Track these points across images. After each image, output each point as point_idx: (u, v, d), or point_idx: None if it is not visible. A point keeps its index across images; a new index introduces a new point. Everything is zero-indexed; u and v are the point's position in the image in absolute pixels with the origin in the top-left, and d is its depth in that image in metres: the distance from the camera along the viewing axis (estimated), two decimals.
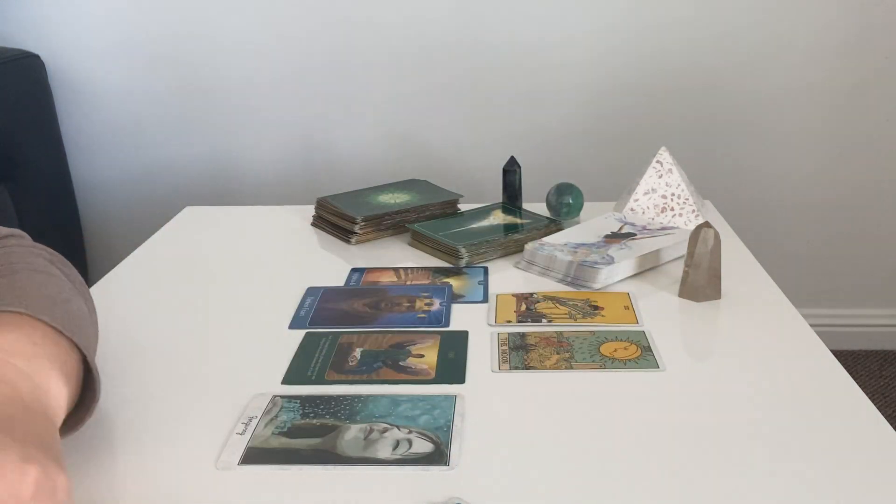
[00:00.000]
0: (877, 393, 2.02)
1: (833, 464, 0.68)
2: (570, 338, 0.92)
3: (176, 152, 2.10)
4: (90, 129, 2.10)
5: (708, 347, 0.94)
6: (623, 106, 2.04)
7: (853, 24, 1.98)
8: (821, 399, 0.79)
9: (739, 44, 2.00)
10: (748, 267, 1.13)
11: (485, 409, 0.78)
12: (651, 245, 1.13)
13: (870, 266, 2.16)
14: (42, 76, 2.01)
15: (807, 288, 2.14)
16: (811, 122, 2.06)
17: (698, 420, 0.75)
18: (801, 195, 2.11)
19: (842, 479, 0.66)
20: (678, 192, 1.28)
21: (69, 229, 2.11)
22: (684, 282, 1.02)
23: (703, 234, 1.01)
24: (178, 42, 2.03)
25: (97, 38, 2.04)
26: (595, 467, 0.69)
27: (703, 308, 1.00)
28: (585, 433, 0.73)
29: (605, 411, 0.77)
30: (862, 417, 0.75)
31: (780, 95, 2.03)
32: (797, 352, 0.89)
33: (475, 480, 0.67)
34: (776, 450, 0.70)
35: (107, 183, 2.15)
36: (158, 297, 1.08)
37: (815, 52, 2.00)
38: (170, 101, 2.07)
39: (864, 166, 2.08)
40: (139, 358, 0.90)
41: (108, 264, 1.30)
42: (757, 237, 1.90)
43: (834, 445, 0.71)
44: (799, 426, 0.74)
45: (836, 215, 2.12)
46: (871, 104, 2.04)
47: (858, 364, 2.14)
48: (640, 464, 0.69)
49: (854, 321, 2.20)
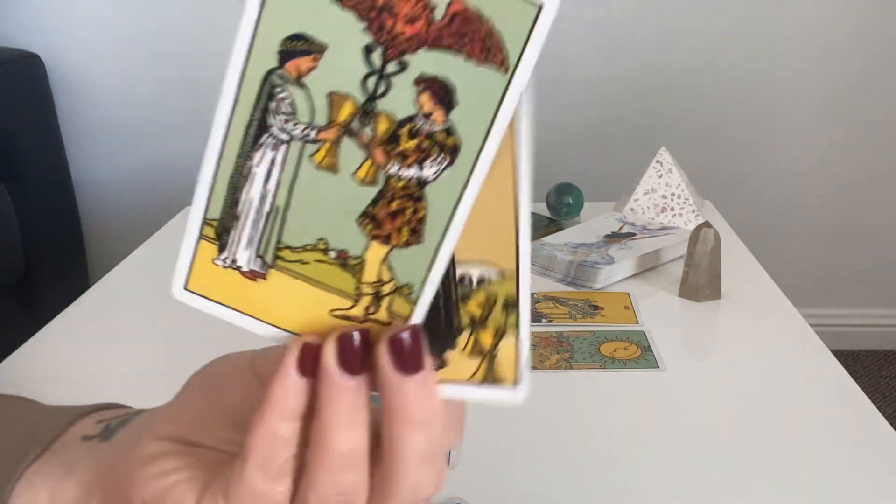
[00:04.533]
0: (877, 393, 2.02)
1: (833, 464, 0.68)
2: (570, 338, 0.92)
3: (176, 152, 2.10)
4: (90, 129, 2.10)
5: (708, 347, 0.94)
6: (623, 106, 2.04)
7: (853, 25, 1.98)
8: (821, 399, 0.79)
9: (739, 44, 2.00)
10: (748, 267, 1.13)
11: (485, 409, 0.78)
12: (651, 245, 1.13)
13: (870, 266, 2.16)
14: (42, 76, 2.01)
15: (807, 288, 2.14)
16: (811, 123, 2.06)
17: (698, 420, 0.75)
18: (801, 195, 2.11)
19: (842, 479, 0.66)
20: (678, 192, 1.28)
21: (69, 229, 2.11)
22: (684, 282, 1.02)
23: (703, 234, 1.01)
24: (178, 42, 2.03)
25: (97, 38, 2.04)
26: (595, 467, 0.69)
27: (703, 308, 1.00)
28: (585, 433, 0.73)
29: (605, 411, 0.77)
30: (862, 417, 0.75)
31: (780, 95, 2.03)
32: (797, 352, 0.89)
33: (475, 480, 0.67)
34: (776, 450, 0.70)
35: (107, 183, 2.15)
36: (158, 297, 1.08)
37: (816, 53, 2.00)
38: (170, 101, 2.07)
39: (864, 166, 2.08)
40: (139, 358, 0.90)
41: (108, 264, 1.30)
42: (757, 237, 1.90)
43: (834, 445, 0.71)
44: (799, 426, 0.74)
45: (837, 215, 2.12)
46: (872, 104, 2.04)
47: (858, 364, 2.14)
48: (640, 463, 0.69)
49: (854, 321, 2.20)
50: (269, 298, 0.29)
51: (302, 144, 0.26)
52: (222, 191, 0.27)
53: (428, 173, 0.26)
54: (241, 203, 0.28)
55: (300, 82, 0.26)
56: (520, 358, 0.29)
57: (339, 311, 0.29)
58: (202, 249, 0.28)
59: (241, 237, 0.28)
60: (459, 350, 0.29)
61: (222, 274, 0.29)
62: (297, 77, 0.26)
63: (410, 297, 0.28)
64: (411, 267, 0.28)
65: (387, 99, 0.26)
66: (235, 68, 0.26)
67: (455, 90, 0.25)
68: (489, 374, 0.30)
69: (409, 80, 0.25)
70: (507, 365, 0.29)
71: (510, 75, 0.25)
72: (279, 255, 0.28)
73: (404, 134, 0.26)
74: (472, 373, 0.30)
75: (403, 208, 0.27)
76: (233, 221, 0.28)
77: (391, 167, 0.26)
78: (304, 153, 0.27)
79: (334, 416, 0.28)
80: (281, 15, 0.25)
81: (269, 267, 0.28)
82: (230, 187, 0.27)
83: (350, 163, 0.26)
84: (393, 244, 0.27)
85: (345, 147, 0.26)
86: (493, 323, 0.29)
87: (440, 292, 0.29)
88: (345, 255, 0.28)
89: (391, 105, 0.26)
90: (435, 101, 0.25)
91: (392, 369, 0.27)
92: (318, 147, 0.26)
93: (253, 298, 0.29)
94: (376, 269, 0.28)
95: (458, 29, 0.25)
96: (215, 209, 0.28)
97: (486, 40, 0.25)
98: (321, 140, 0.26)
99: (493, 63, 0.25)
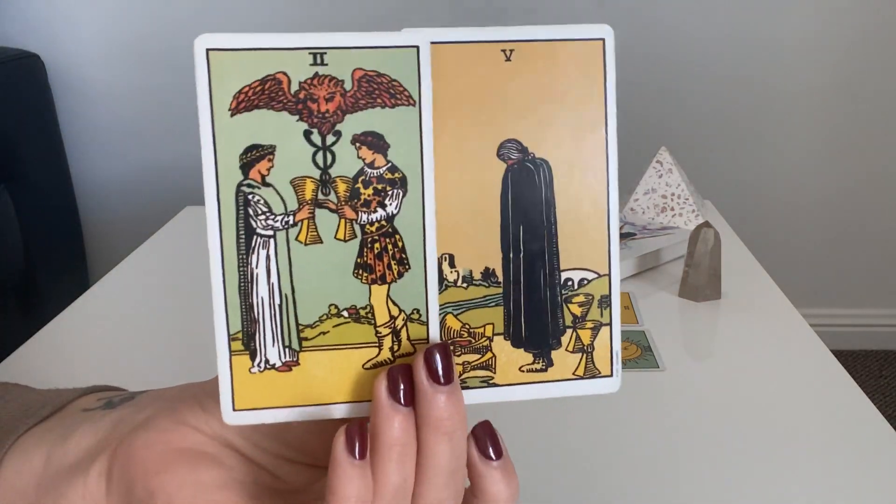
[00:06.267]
0: (877, 393, 2.02)
1: (833, 464, 0.68)
2: None
3: (176, 152, 2.10)
4: (90, 129, 2.10)
5: (708, 347, 0.94)
6: (623, 106, 2.04)
7: (853, 26, 1.98)
8: (821, 399, 0.79)
9: (740, 44, 2.00)
10: (748, 267, 1.13)
11: (485, 409, 0.77)
12: (651, 245, 1.13)
13: (870, 266, 2.16)
14: (42, 76, 2.01)
15: (807, 288, 2.14)
16: (811, 122, 2.06)
17: (698, 420, 0.75)
18: (802, 195, 2.11)
19: (842, 479, 0.66)
20: (678, 192, 1.28)
21: (69, 229, 2.11)
22: (684, 282, 1.02)
23: (703, 234, 1.01)
24: (177, 41, 2.03)
25: (97, 38, 2.04)
26: (595, 467, 0.69)
27: (703, 308, 1.00)
28: (585, 433, 0.73)
29: (605, 411, 0.77)
30: (862, 417, 0.75)
31: (780, 95, 2.03)
32: (797, 352, 0.89)
33: None
34: (776, 450, 0.70)
35: (107, 183, 2.15)
36: (159, 297, 1.08)
37: (816, 53, 2.00)
38: (170, 101, 2.07)
39: (864, 166, 2.08)
40: (139, 358, 0.90)
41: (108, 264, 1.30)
42: (757, 237, 1.90)
43: (834, 445, 0.71)
44: (799, 426, 0.74)
45: (837, 215, 2.12)
46: (871, 104, 2.04)
47: (858, 364, 2.14)
48: (639, 464, 0.69)
49: (854, 321, 2.20)
50: (310, 380, 0.31)
51: (286, 232, 0.30)
52: (235, 302, 0.31)
53: (391, 209, 0.31)
54: (255, 306, 0.31)
55: (265, 182, 0.30)
56: (613, 349, 0.33)
57: (370, 362, 0.31)
58: (236, 365, 0.31)
59: (266, 337, 0.31)
60: (564, 349, 0.33)
61: (261, 378, 0.31)
62: (262, 179, 0.30)
63: (421, 320, 0.31)
64: (411, 293, 0.31)
65: (336, 165, 0.30)
66: (211, 192, 0.30)
67: (383, 135, 0.30)
68: (589, 368, 0.33)
69: (347, 142, 0.30)
70: (604, 357, 0.33)
71: (418, 105, 0.30)
72: (302, 337, 0.31)
73: (361, 186, 0.31)
74: (575, 368, 0.33)
75: (385, 246, 0.31)
76: (254, 326, 0.31)
77: (362, 217, 0.31)
78: (290, 238, 0.30)
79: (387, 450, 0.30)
80: (231, 137, 0.30)
81: (298, 353, 0.31)
82: (241, 296, 0.31)
83: (329, 229, 0.31)
84: (389, 281, 0.31)
85: (320, 218, 0.31)
86: (590, 320, 0.33)
87: (547, 296, 0.32)
88: (354, 309, 0.31)
89: (341, 168, 0.30)
90: (373, 150, 0.30)
91: (426, 379, 0.30)
92: (299, 228, 0.30)
93: (296, 388, 0.31)
94: (385, 309, 0.31)
95: (366, 90, 0.30)
96: (235, 322, 0.31)
97: (389, 89, 0.30)
98: (299, 221, 0.30)
99: (402, 103, 0.30)
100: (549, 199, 0.32)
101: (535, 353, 0.33)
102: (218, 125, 0.29)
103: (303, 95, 0.30)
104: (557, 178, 0.32)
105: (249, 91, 0.29)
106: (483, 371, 0.33)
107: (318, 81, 0.30)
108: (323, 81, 0.30)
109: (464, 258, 0.32)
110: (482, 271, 0.32)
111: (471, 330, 0.32)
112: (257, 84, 0.29)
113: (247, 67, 0.29)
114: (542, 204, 0.32)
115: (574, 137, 0.32)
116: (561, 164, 0.32)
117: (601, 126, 0.32)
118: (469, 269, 0.32)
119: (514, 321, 0.33)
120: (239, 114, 0.29)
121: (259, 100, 0.29)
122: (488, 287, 0.32)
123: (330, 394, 0.31)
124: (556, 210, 0.32)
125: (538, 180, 0.32)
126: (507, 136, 0.32)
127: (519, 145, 0.32)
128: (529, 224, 0.32)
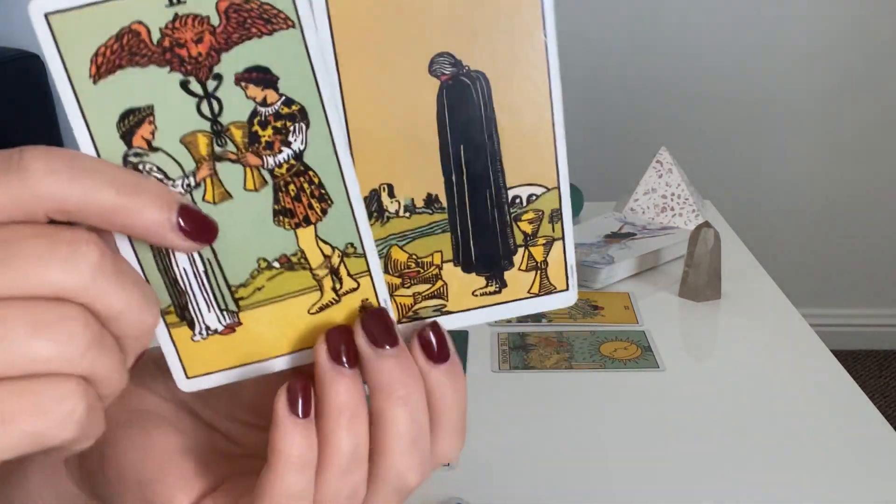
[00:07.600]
0: (877, 393, 2.02)
1: (833, 463, 0.68)
2: (569, 338, 0.92)
3: None
4: None
5: (708, 347, 0.94)
6: (623, 106, 2.04)
7: (853, 26, 1.98)
8: (821, 399, 0.79)
9: (739, 44, 2.00)
10: (748, 267, 1.13)
11: (485, 409, 0.78)
12: (651, 245, 1.13)
13: (869, 266, 2.16)
14: (42, 76, 2.01)
15: (807, 288, 2.14)
16: (811, 123, 2.06)
17: (698, 420, 0.75)
18: (801, 195, 2.11)
19: (842, 479, 0.66)
20: (678, 192, 1.28)
21: None
22: (684, 282, 1.02)
23: (703, 234, 1.01)
24: None
25: None
26: (595, 467, 0.69)
27: (703, 308, 1.00)
28: (585, 433, 0.73)
29: (605, 411, 0.77)
30: (862, 417, 0.75)
31: (779, 96, 2.04)
32: (797, 352, 0.89)
33: (475, 480, 0.67)
34: (776, 449, 0.70)
35: None
36: None
37: (816, 54, 2.00)
38: None
39: (863, 167, 2.08)
40: None
41: None
42: (757, 237, 1.90)
43: (834, 445, 0.71)
44: (799, 426, 0.74)
45: (836, 215, 2.13)
46: (872, 104, 2.04)
47: (858, 364, 2.14)
48: (640, 463, 0.69)
49: (854, 321, 2.20)
50: (257, 337, 0.30)
51: (190, 195, 0.28)
52: (158, 280, 0.29)
53: (297, 145, 0.28)
54: (180, 278, 0.29)
55: (153, 147, 0.27)
56: (568, 263, 0.32)
57: (315, 306, 0.30)
58: (178, 337, 0.29)
59: (199, 305, 0.29)
60: (517, 269, 0.31)
61: (207, 345, 0.30)
62: (148, 145, 0.27)
63: (357, 252, 0.29)
64: (340, 228, 0.29)
65: (226, 112, 0.27)
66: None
67: (268, 67, 0.27)
68: (544, 285, 0.32)
69: (230, 84, 0.27)
70: (558, 272, 0.32)
71: (299, 25, 0.27)
72: (238, 298, 0.29)
73: (258, 128, 0.28)
74: (530, 287, 0.32)
75: (301, 186, 0.28)
76: (183, 297, 0.29)
77: (268, 162, 0.28)
78: (196, 200, 0.28)
79: (335, 415, 0.28)
80: (101, 106, 0.27)
81: (237, 313, 0.29)
82: (162, 273, 0.29)
83: (236, 182, 0.28)
84: (314, 221, 0.29)
85: (223, 173, 0.28)
86: (542, 236, 0.31)
87: (495, 217, 0.31)
88: (285, 258, 0.29)
89: (232, 114, 0.27)
90: (261, 87, 0.27)
91: (366, 345, 0.28)
92: (203, 188, 0.28)
93: (244, 346, 0.30)
94: (317, 250, 0.29)
95: (236, 21, 0.27)
96: (163, 297, 0.29)
97: (262, 14, 0.27)
98: (201, 180, 0.28)
99: (280, 27, 0.27)
100: (489, 114, 0.29)
101: (487, 276, 0.31)
102: (82, 97, 0.27)
103: (168, 43, 0.26)
104: (496, 90, 0.29)
105: (107, 51, 0.26)
106: (436, 300, 0.31)
107: (180, 23, 0.26)
108: (186, 22, 0.26)
109: (403, 186, 0.30)
110: (424, 198, 0.30)
111: (418, 260, 0.31)
112: (113, 41, 0.26)
113: (97, 25, 0.26)
114: (482, 120, 0.29)
115: (510, 44, 0.29)
116: (498, 75, 0.29)
117: (539, 29, 0.29)
118: (410, 198, 0.30)
119: (462, 246, 0.31)
120: (102, 79, 0.27)
121: (120, 58, 0.26)
122: (432, 214, 0.30)
123: (280, 346, 0.30)
124: (498, 125, 0.29)
125: (476, 95, 0.29)
126: (438, 49, 0.29)
127: (452, 58, 0.29)
128: (470, 143, 0.30)
